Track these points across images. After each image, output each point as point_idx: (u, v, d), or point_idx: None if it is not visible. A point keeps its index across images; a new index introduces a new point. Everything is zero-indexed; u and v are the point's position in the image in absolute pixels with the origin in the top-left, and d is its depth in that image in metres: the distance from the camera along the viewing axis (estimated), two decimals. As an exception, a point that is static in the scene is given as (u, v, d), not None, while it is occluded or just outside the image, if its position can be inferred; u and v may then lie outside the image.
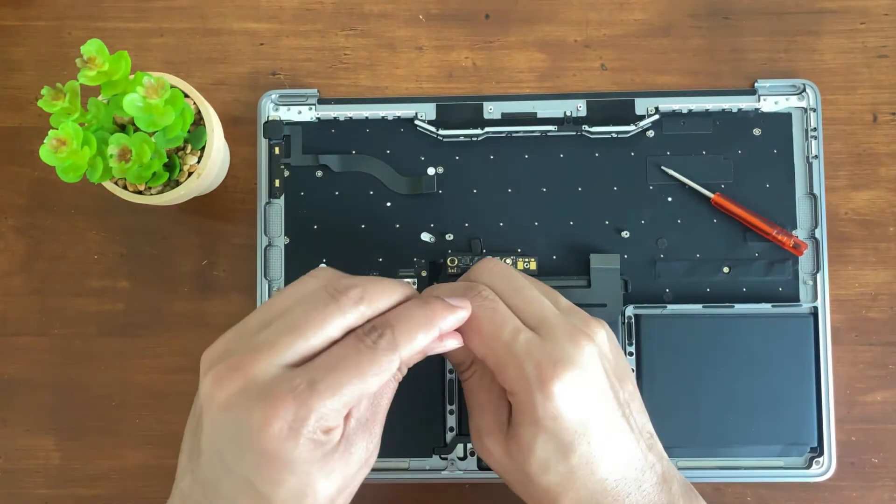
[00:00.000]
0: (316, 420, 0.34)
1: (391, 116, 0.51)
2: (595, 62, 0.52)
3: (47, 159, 0.41)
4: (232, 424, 0.35)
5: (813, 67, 0.52)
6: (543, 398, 0.37)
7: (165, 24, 0.53)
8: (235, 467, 0.35)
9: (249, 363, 0.35)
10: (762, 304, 0.49)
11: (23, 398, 0.51)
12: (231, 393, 0.35)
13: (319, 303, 0.36)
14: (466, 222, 0.51)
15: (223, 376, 0.35)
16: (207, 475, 0.36)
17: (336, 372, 0.35)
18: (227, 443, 0.35)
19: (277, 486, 0.34)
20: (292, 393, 0.34)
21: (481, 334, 0.39)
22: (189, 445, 0.38)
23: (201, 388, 0.36)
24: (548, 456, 0.38)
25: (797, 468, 0.49)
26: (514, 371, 0.38)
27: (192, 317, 0.51)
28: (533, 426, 0.38)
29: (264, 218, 0.51)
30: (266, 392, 0.34)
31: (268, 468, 0.34)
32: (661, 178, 0.51)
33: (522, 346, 0.38)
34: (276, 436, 0.34)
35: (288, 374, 0.35)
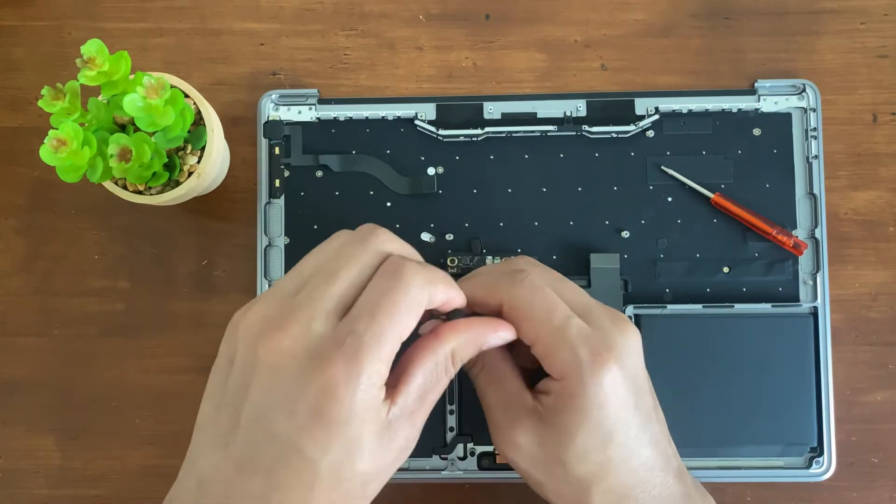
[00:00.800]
0: (369, 374, 0.34)
1: (391, 116, 0.51)
2: (595, 62, 0.52)
3: (47, 159, 0.41)
4: (284, 387, 0.34)
5: (813, 67, 0.52)
6: (595, 384, 0.38)
7: (165, 24, 0.53)
8: (284, 432, 0.34)
9: (295, 322, 0.35)
10: (762, 304, 0.49)
11: (23, 398, 0.51)
12: (281, 355, 0.34)
13: (348, 247, 0.37)
14: (466, 222, 0.51)
15: (270, 340, 0.35)
16: (245, 448, 0.35)
17: (375, 318, 0.35)
18: (277, 407, 0.34)
19: (326, 450, 0.34)
20: (340, 349, 0.34)
21: (531, 318, 0.39)
22: (217, 422, 0.36)
23: (242, 354, 0.35)
24: (588, 444, 0.38)
25: (797, 468, 0.49)
26: (567, 356, 0.38)
27: (192, 317, 0.51)
28: (578, 413, 0.38)
29: (264, 218, 0.51)
30: (316, 351, 0.34)
31: (319, 428, 0.34)
32: (661, 178, 0.51)
33: (575, 331, 0.38)
34: (330, 393, 0.34)
35: (334, 329, 0.35)
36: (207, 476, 0.36)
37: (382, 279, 0.36)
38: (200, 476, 0.36)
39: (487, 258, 0.50)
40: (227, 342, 0.37)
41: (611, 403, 0.38)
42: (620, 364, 0.38)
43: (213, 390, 0.37)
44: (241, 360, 0.36)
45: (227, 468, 0.35)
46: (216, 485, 0.35)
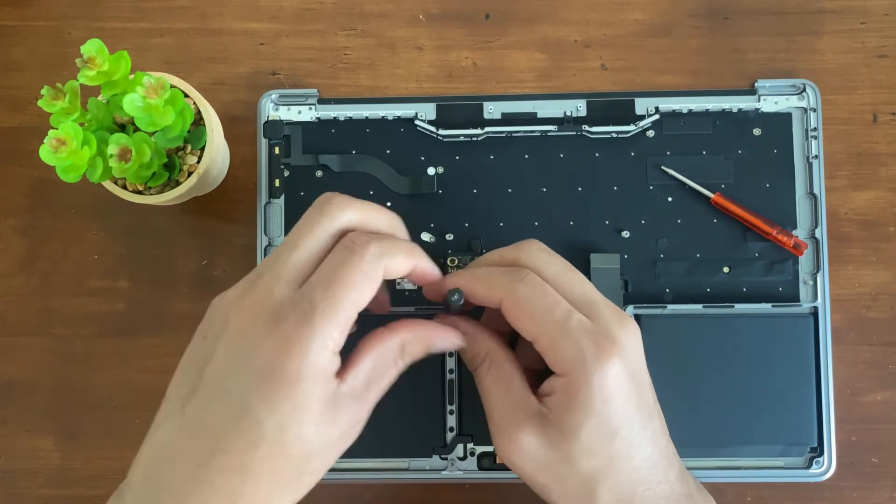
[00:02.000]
0: (322, 338, 0.35)
1: (391, 116, 0.51)
2: (595, 62, 0.52)
3: (47, 159, 0.41)
4: (242, 348, 0.36)
5: (813, 67, 0.52)
6: (600, 379, 0.38)
7: (165, 24, 0.53)
8: (237, 390, 0.35)
9: (259, 287, 0.37)
10: (762, 304, 0.49)
11: (23, 398, 0.51)
12: (244, 318, 0.36)
13: (308, 217, 0.39)
14: (466, 222, 0.51)
15: (237, 305, 0.37)
16: (199, 411, 0.36)
17: (330, 287, 0.36)
18: (235, 366, 0.36)
19: (273, 409, 0.35)
20: (295, 312, 0.36)
21: (532, 315, 0.39)
22: (178, 390, 0.37)
23: (214, 328, 0.37)
24: (593, 440, 0.38)
25: (797, 468, 0.49)
26: (571, 350, 0.38)
27: (192, 317, 0.51)
28: (582, 409, 0.38)
29: (264, 218, 0.51)
30: (274, 314, 0.36)
31: (270, 385, 0.35)
32: (661, 178, 0.51)
33: (577, 325, 0.39)
34: (282, 352, 0.35)
35: (292, 295, 0.36)
36: (160, 443, 0.37)
37: (338, 251, 0.37)
38: (153, 446, 0.37)
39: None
40: (204, 322, 0.39)
41: (615, 397, 0.38)
42: (622, 358, 0.38)
43: (183, 362, 0.39)
44: (214, 329, 0.37)
45: (178, 433, 0.36)
46: (165, 449, 0.36)
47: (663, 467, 0.40)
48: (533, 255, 0.41)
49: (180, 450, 0.36)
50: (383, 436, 0.48)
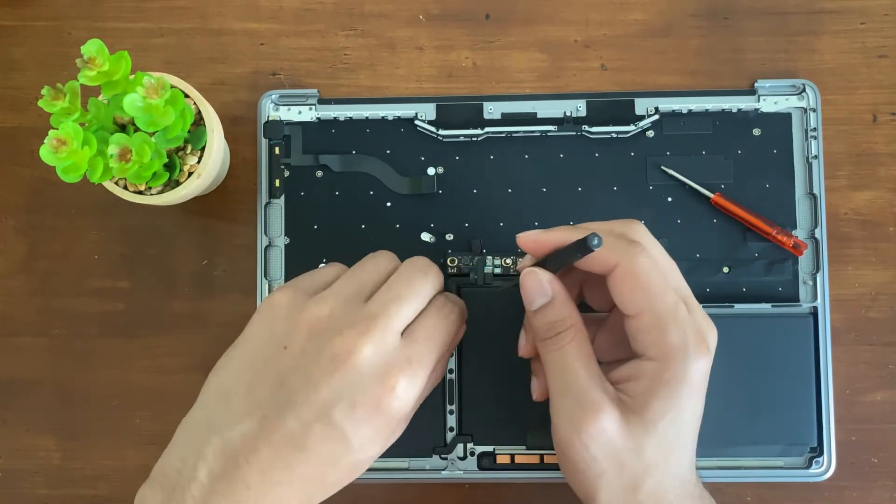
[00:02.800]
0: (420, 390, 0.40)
1: (391, 116, 0.51)
2: (595, 62, 0.52)
3: (47, 159, 0.41)
4: (355, 385, 0.39)
5: (813, 67, 0.52)
6: (694, 372, 0.38)
7: (165, 24, 0.53)
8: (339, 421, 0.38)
9: (375, 331, 0.39)
10: (762, 304, 0.49)
11: (23, 398, 0.51)
12: (358, 357, 0.39)
13: (417, 278, 0.42)
14: (466, 222, 0.51)
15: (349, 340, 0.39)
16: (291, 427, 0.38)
17: (436, 343, 0.41)
18: (341, 399, 0.38)
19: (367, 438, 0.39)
20: (409, 366, 0.40)
21: (648, 289, 0.39)
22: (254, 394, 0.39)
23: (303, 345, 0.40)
24: (667, 432, 0.39)
25: (797, 468, 0.49)
26: (676, 336, 0.38)
27: (192, 317, 0.51)
28: (670, 398, 0.38)
29: (264, 218, 0.51)
30: (389, 365, 0.39)
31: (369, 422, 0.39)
32: (661, 178, 0.51)
33: (685, 314, 0.39)
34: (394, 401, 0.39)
35: (401, 345, 0.40)
36: (232, 442, 0.38)
37: (439, 314, 0.42)
38: (224, 442, 0.38)
39: (487, 258, 0.50)
40: (275, 324, 0.41)
41: (698, 394, 0.39)
42: (709, 359, 0.39)
43: (250, 362, 0.41)
44: (303, 347, 0.40)
45: (258, 438, 0.38)
46: (241, 451, 0.38)
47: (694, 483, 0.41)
48: (643, 234, 0.41)
49: (262, 455, 0.38)
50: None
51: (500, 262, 0.50)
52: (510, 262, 0.50)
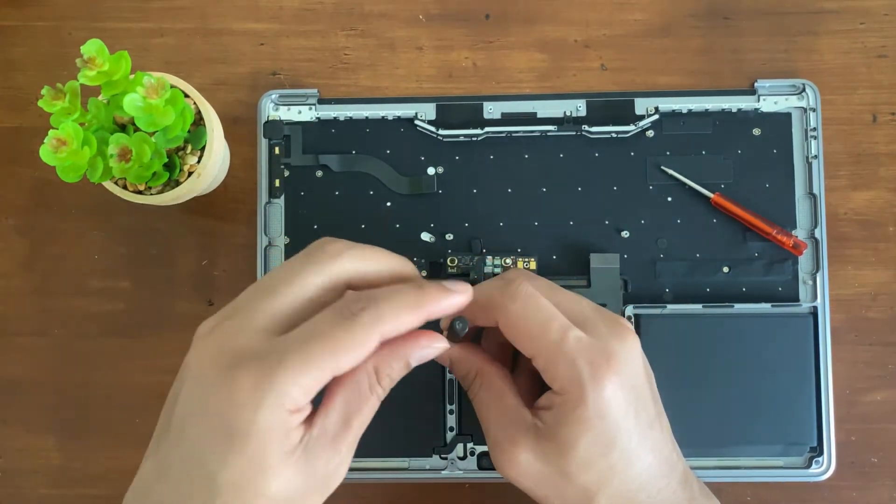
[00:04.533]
0: (278, 394, 0.32)
1: (391, 116, 0.51)
2: (595, 62, 0.52)
3: (47, 159, 0.41)
4: (198, 393, 0.34)
5: (813, 67, 0.52)
6: (596, 396, 0.38)
7: (165, 24, 0.53)
8: (191, 440, 0.33)
9: (222, 332, 0.34)
10: (762, 304, 0.49)
11: (23, 398, 0.51)
12: (203, 363, 0.34)
13: (294, 263, 0.36)
14: (466, 222, 0.51)
15: (199, 347, 0.35)
16: (167, 455, 0.34)
17: (307, 344, 0.33)
18: (191, 413, 0.34)
19: (224, 464, 0.32)
20: (258, 362, 0.33)
21: (528, 333, 0.39)
22: (158, 428, 0.36)
23: (184, 364, 0.35)
24: (590, 453, 0.38)
25: (797, 468, 0.49)
26: (567, 369, 0.38)
27: (192, 317, 0.51)
28: (578, 424, 0.38)
29: (264, 218, 0.51)
30: (233, 362, 0.33)
31: (220, 440, 0.33)
32: (661, 178, 0.51)
33: (573, 343, 0.38)
34: (234, 403, 0.32)
35: (260, 342, 0.34)
36: (136, 483, 0.36)
37: (328, 313, 0.34)
38: (138, 479, 0.36)
39: (487, 258, 0.50)
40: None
41: (612, 414, 0.38)
42: (620, 373, 0.38)
43: (168, 397, 0.37)
44: (183, 366, 0.36)
45: (150, 474, 0.35)
46: (137, 492, 0.36)
47: (665, 474, 0.40)
48: (517, 273, 0.41)
49: (147, 491, 0.35)
50: (383, 436, 0.48)
51: (500, 262, 0.50)
52: (510, 262, 0.50)
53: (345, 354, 0.33)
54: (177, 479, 0.34)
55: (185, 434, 0.34)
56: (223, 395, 0.33)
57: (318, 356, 0.33)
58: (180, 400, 0.34)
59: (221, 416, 0.33)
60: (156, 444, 0.36)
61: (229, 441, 0.32)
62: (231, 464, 0.33)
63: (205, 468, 0.33)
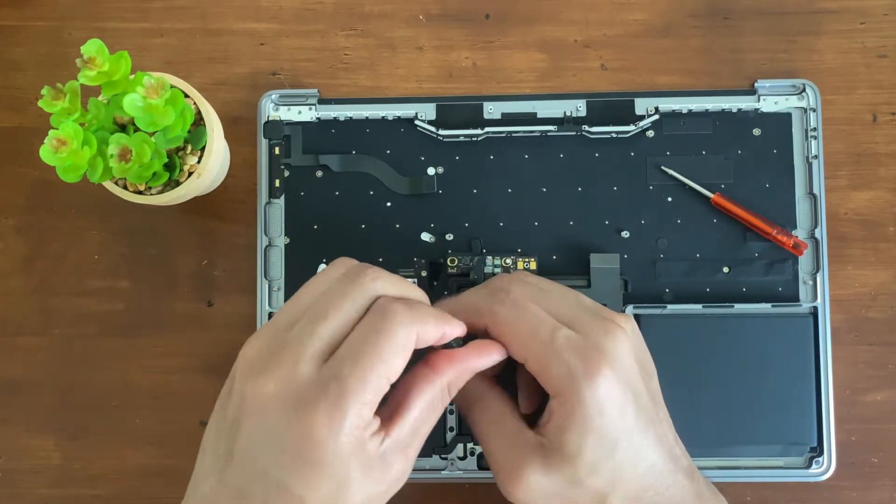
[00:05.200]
0: (350, 420, 0.34)
1: (391, 116, 0.51)
2: (595, 62, 0.52)
3: (47, 159, 0.41)
4: (268, 431, 0.34)
5: (813, 67, 0.52)
6: (591, 392, 0.37)
7: (165, 24, 0.53)
8: (271, 472, 0.34)
9: (280, 365, 0.35)
10: (762, 304, 0.49)
11: (23, 398, 0.51)
12: (266, 399, 0.35)
13: (339, 286, 0.37)
14: (466, 222, 0.51)
15: (256, 382, 0.35)
16: (238, 480, 0.35)
17: (360, 362, 0.34)
18: (263, 447, 0.34)
19: (315, 488, 0.34)
20: (324, 395, 0.34)
21: (517, 337, 0.39)
22: (216, 448, 0.36)
23: (236, 390, 0.36)
24: (596, 456, 0.38)
25: (797, 468, 0.49)
26: (559, 368, 0.38)
27: (192, 317, 0.51)
28: (580, 427, 0.38)
29: (264, 218, 0.51)
30: (300, 396, 0.34)
31: (305, 472, 0.34)
32: (661, 178, 0.51)
33: (563, 342, 0.38)
34: (313, 440, 0.34)
35: (318, 371, 0.35)
36: (209, 498, 0.36)
37: (368, 322, 0.36)
38: (204, 497, 0.36)
39: (487, 258, 0.50)
40: (233, 371, 0.37)
41: (609, 409, 0.38)
42: (613, 368, 0.38)
43: (216, 415, 0.37)
44: (236, 394, 0.36)
45: (223, 495, 0.35)
46: None
47: (671, 470, 0.39)
48: (509, 281, 0.41)
49: None
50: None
51: (500, 262, 0.50)
52: (510, 263, 0.50)
53: (393, 359, 0.35)
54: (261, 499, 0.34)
55: (261, 468, 0.34)
56: (297, 435, 0.34)
57: (373, 370, 0.34)
58: (243, 434, 0.35)
59: (300, 452, 0.34)
60: (218, 469, 0.36)
61: (314, 470, 0.34)
62: (321, 488, 0.34)
63: (293, 494, 0.34)
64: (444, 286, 0.50)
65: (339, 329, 0.36)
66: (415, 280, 0.50)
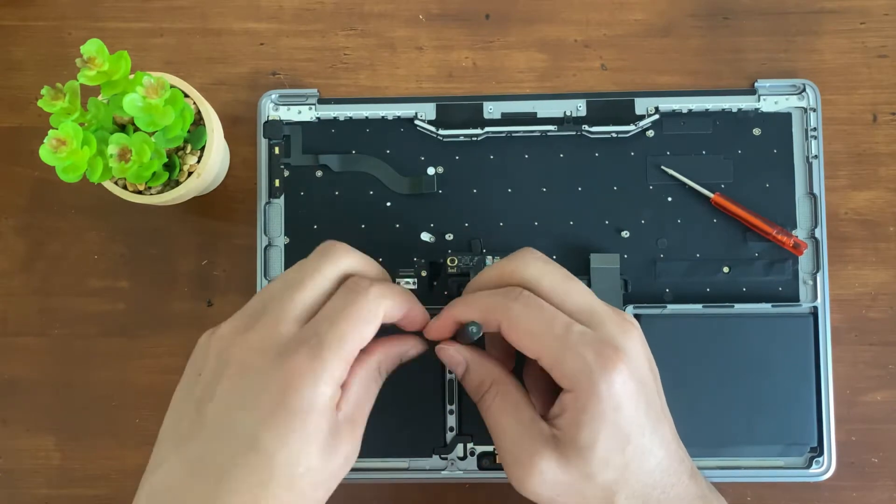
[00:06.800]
0: (329, 371, 0.36)
1: (391, 116, 0.51)
2: (595, 62, 0.52)
3: (47, 159, 0.41)
4: (249, 383, 0.36)
5: (813, 67, 0.52)
6: (607, 388, 0.38)
7: (165, 24, 0.53)
8: (246, 425, 0.35)
9: (264, 325, 0.37)
10: (762, 304, 0.49)
11: (23, 398, 0.51)
12: (250, 353, 0.37)
13: (311, 261, 0.40)
14: (466, 222, 0.51)
15: (241, 341, 0.37)
16: (202, 448, 0.36)
17: (337, 323, 0.37)
18: (242, 401, 0.36)
19: (284, 442, 0.35)
20: (306, 346, 0.36)
21: (531, 333, 0.39)
22: (177, 429, 0.38)
23: (211, 364, 0.38)
24: (608, 451, 0.38)
25: (797, 468, 0.49)
26: (574, 363, 0.38)
27: (192, 317, 0.51)
28: (594, 421, 0.38)
29: (264, 218, 0.51)
30: (283, 349, 0.37)
31: (278, 422, 0.35)
32: (661, 177, 0.51)
33: (578, 337, 0.38)
34: (294, 386, 0.36)
35: (298, 330, 0.37)
36: (158, 485, 0.37)
37: (343, 292, 0.39)
38: (151, 488, 0.37)
39: (487, 258, 0.50)
40: (196, 359, 0.39)
41: (624, 405, 0.38)
42: (628, 364, 0.38)
43: (176, 405, 0.39)
44: (211, 366, 0.38)
45: (179, 473, 0.36)
46: (164, 494, 0.36)
47: (675, 470, 0.40)
48: (528, 266, 0.41)
49: (183, 492, 0.36)
50: (383, 436, 0.48)
51: (500, 262, 0.50)
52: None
53: (366, 325, 0.38)
54: (222, 470, 0.35)
55: (234, 425, 0.36)
56: (282, 379, 0.36)
57: (348, 330, 0.37)
58: (220, 395, 0.37)
59: (281, 396, 0.35)
60: (177, 447, 0.37)
61: (290, 419, 0.35)
62: (289, 441, 0.35)
63: (260, 451, 0.35)
64: (444, 286, 0.50)
65: (315, 298, 0.39)
66: (415, 280, 0.50)
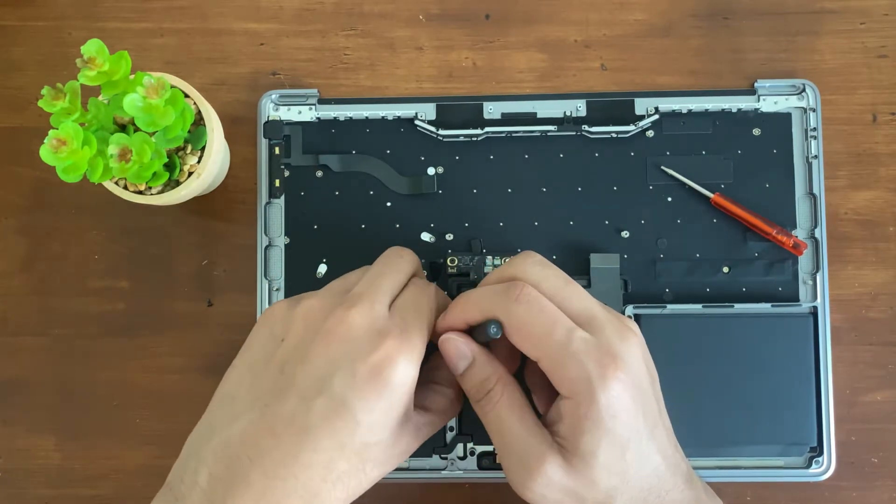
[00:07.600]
0: (417, 352, 0.39)
1: (391, 116, 0.51)
2: (595, 62, 0.52)
3: (47, 159, 0.41)
4: (347, 353, 0.39)
5: (813, 67, 0.52)
6: (606, 396, 0.38)
7: (166, 24, 0.53)
8: (339, 389, 0.38)
9: (362, 304, 0.40)
10: (762, 304, 0.49)
11: (23, 398, 0.51)
12: (350, 327, 0.39)
13: (391, 258, 0.44)
14: (466, 222, 0.51)
15: (342, 315, 0.39)
16: (289, 408, 0.38)
17: (419, 310, 0.41)
18: (337, 366, 0.38)
19: (371, 410, 0.38)
20: (399, 328, 0.40)
21: (532, 336, 0.39)
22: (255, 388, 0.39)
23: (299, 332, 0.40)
24: (609, 458, 0.38)
25: (797, 468, 0.49)
26: (574, 370, 0.38)
27: (192, 317, 0.51)
28: (594, 429, 0.38)
29: (264, 218, 0.51)
30: (381, 327, 0.39)
31: (372, 388, 0.38)
32: (661, 178, 0.51)
33: (579, 344, 0.38)
34: (390, 360, 0.38)
35: (388, 314, 0.40)
36: (234, 440, 0.38)
37: (418, 287, 0.43)
38: (225, 445, 0.38)
39: (487, 258, 0.50)
40: (273, 325, 0.41)
41: (622, 413, 0.38)
42: (626, 372, 0.38)
43: (251, 366, 0.41)
44: (299, 332, 0.40)
45: (259, 427, 0.38)
46: (241, 447, 0.37)
47: (671, 475, 0.40)
48: (529, 270, 0.41)
49: (263, 447, 0.37)
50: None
51: (500, 262, 0.50)
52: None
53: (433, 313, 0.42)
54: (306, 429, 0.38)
55: (327, 388, 0.38)
56: (380, 355, 0.38)
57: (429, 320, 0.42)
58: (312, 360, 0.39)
59: (377, 368, 0.38)
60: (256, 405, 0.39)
61: (380, 390, 0.38)
62: (376, 409, 0.38)
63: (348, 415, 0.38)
64: (444, 286, 0.50)
65: (396, 289, 0.42)
66: (415, 280, 0.50)
